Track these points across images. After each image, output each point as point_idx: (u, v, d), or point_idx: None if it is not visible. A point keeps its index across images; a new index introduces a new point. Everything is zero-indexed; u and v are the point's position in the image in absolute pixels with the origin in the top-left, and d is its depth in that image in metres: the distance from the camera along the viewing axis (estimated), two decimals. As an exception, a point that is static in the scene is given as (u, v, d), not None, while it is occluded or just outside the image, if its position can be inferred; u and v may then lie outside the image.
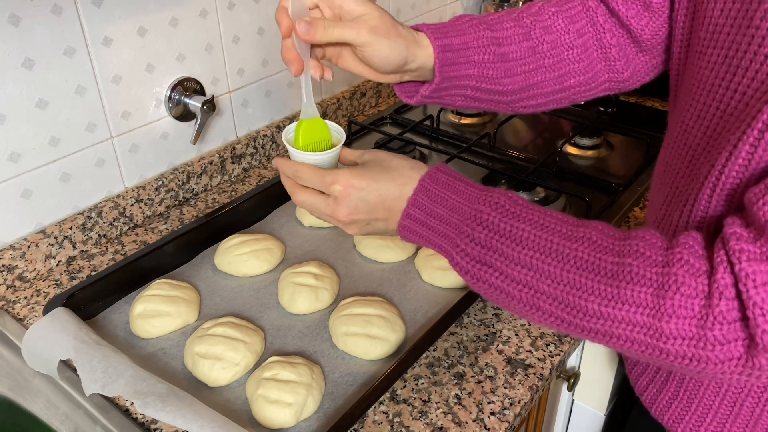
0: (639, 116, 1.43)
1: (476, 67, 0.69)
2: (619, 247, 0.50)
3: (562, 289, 0.51)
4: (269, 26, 1.19)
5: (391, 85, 1.52)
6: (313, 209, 0.64)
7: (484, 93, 0.72)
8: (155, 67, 1.03)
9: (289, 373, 0.74)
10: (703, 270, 0.46)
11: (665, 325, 0.47)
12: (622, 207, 1.10)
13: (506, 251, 0.54)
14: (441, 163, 0.62)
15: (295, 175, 0.64)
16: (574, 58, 0.73)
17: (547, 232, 0.53)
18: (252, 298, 0.92)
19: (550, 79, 0.74)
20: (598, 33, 0.73)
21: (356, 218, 0.62)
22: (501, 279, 0.54)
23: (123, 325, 0.87)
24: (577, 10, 0.73)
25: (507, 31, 0.71)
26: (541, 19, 0.73)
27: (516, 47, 0.72)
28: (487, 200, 0.56)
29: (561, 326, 0.53)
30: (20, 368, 0.80)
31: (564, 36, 0.73)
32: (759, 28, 0.50)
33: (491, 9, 1.68)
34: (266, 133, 1.24)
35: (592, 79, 0.75)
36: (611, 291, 0.49)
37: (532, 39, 0.72)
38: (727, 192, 0.52)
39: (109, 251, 1.01)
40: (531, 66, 0.72)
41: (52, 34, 0.88)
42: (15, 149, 0.89)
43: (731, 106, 0.53)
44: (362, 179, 0.61)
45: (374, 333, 0.81)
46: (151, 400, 0.68)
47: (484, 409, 0.75)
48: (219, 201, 1.13)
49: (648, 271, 0.48)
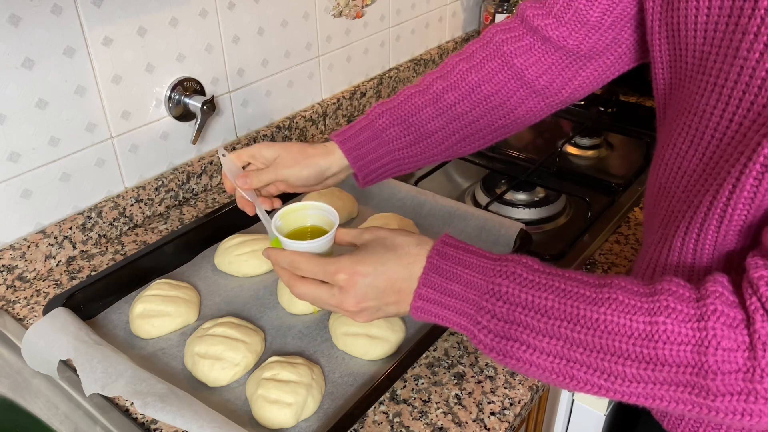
0: (639, 116, 1.43)
1: (393, 153, 0.79)
2: (648, 305, 0.48)
3: (596, 357, 0.49)
4: (269, 26, 1.19)
5: (391, 85, 1.53)
6: (316, 301, 0.61)
7: (414, 163, 0.81)
8: (155, 67, 1.03)
9: (289, 373, 0.74)
10: (739, 319, 0.45)
11: (711, 383, 0.45)
12: (622, 207, 1.10)
13: (531, 323, 0.52)
14: (446, 234, 0.60)
15: (293, 266, 0.61)
16: (496, 105, 0.77)
17: (571, 298, 0.51)
18: (252, 298, 0.92)
19: (476, 131, 0.79)
20: (517, 73, 0.76)
21: (366, 306, 0.59)
22: (529, 353, 0.52)
23: (123, 325, 0.87)
24: (487, 59, 0.77)
25: (417, 107, 0.78)
26: (453, 80, 0.77)
27: (431, 124, 0.78)
28: (503, 271, 0.54)
29: (599, 393, 0.51)
30: (20, 368, 0.80)
31: (477, 90, 0.77)
32: (747, 59, 0.50)
33: (491, 9, 1.68)
34: (266, 133, 1.24)
35: (526, 112, 0.78)
36: (648, 353, 0.47)
37: (444, 105, 0.77)
38: (735, 224, 0.51)
39: (109, 251, 1.01)
40: (450, 129, 0.78)
41: (51, 34, 0.88)
42: (15, 149, 0.89)
43: (728, 135, 0.53)
44: (367, 264, 0.58)
45: (374, 333, 0.81)
46: (151, 400, 0.68)
47: (484, 409, 0.75)
48: (219, 201, 1.13)
49: (684, 328, 0.46)
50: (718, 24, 0.53)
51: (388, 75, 1.52)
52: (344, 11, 1.34)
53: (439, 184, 1.22)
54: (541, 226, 1.09)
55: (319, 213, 0.70)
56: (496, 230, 0.98)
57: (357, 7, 1.37)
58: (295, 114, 1.31)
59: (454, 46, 1.71)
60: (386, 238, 0.61)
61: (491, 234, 0.98)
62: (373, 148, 0.78)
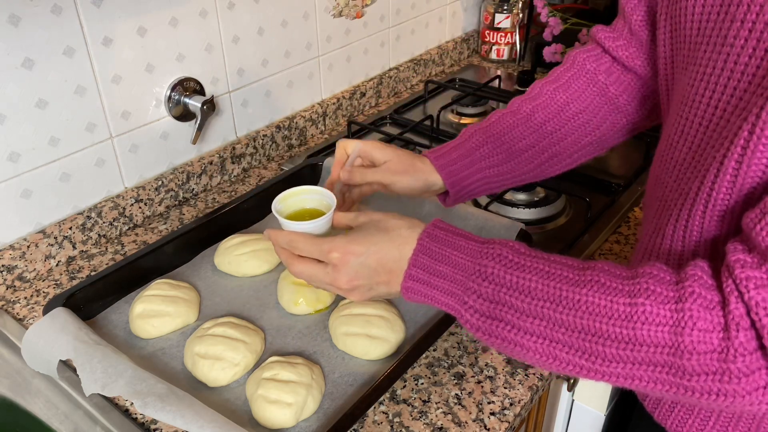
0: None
1: (483, 170, 0.80)
2: (629, 287, 0.49)
3: (577, 336, 0.50)
4: (269, 26, 1.19)
5: (390, 85, 1.53)
6: (311, 279, 0.64)
7: (503, 182, 0.82)
8: (155, 67, 1.03)
9: (288, 373, 0.74)
10: (716, 302, 0.46)
11: (687, 363, 0.46)
12: (622, 207, 1.10)
13: (516, 303, 0.53)
14: (437, 218, 0.62)
15: (291, 246, 0.64)
16: (582, 122, 0.79)
17: (554, 280, 0.52)
18: (252, 298, 0.92)
19: (564, 149, 0.80)
20: (601, 89, 0.78)
21: (357, 284, 0.61)
22: (514, 332, 0.54)
23: (123, 325, 0.87)
24: (574, 78, 0.79)
25: (508, 127, 0.80)
26: (541, 101, 0.80)
27: (521, 142, 0.79)
28: (489, 253, 0.56)
29: (580, 373, 0.52)
30: (20, 368, 0.80)
31: (566, 108, 0.79)
32: (733, 45, 0.51)
33: (491, 9, 1.68)
34: (266, 133, 1.24)
35: (609, 129, 0.80)
36: (627, 333, 0.48)
37: (534, 124, 0.79)
38: (718, 209, 0.52)
39: (108, 251, 1.01)
40: (540, 147, 0.80)
41: (51, 34, 0.88)
42: (15, 149, 0.89)
43: (713, 123, 0.54)
44: (360, 244, 0.60)
45: (374, 333, 0.81)
46: (150, 400, 0.68)
47: (484, 409, 0.75)
48: (219, 201, 1.13)
49: (662, 309, 0.47)
50: (711, 14, 0.54)
51: (388, 75, 1.52)
52: (344, 11, 1.34)
53: (439, 184, 1.22)
54: (541, 226, 1.09)
55: (317, 197, 0.73)
56: (495, 230, 0.98)
57: (357, 7, 1.37)
58: (295, 114, 1.31)
59: (454, 46, 1.71)
60: (380, 221, 0.63)
61: (491, 234, 0.98)
62: (465, 166, 0.80)
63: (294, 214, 0.72)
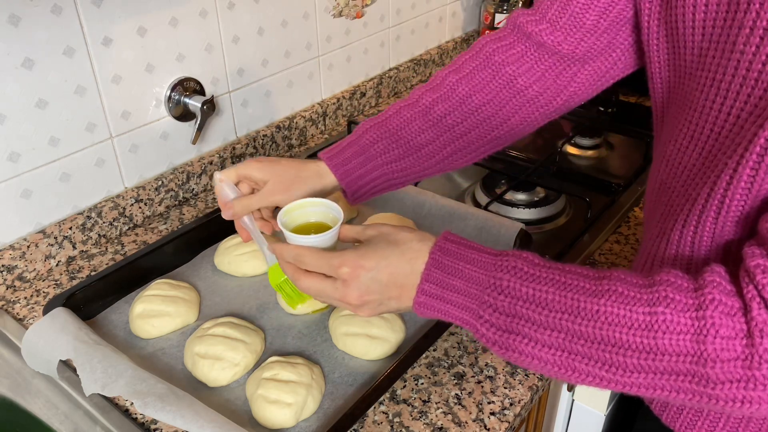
0: (639, 116, 1.43)
1: (381, 167, 0.77)
2: (647, 296, 0.48)
3: (597, 348, 0.49)
4: (269, 26, 1.19)
5: (390, 85, 1.53)
6: (319, 294, 0.62)
7: (405, 177, 0.79)
8: (155, 67, 1.03)
9: (288, 373, 0.74)
10: (737, 308, 0.45)
11: (710, 371, 0.46)
12: (622, 207, 1.10)
13: (532, 316, 0.52)
14: (447, 231, 0.61)
15: (297, 260, 0.62)
16: (487, 116, 0.76)
17: (571, 291, 0.51)
18: (252, 298, 0.92)
19: (469, 143, 0.77)
20: (508, 81, 0.75)
21: (368, 299, 0.60)
22: (531, 345, 0.53)
23: (123, 325, 0.87)
24: (478, 69, 0.76)
25: (406, 121, 0.77)
26: (442, 92, 0.76)
27: (420, 137, 0.76)
28: (503, 266, 0.55)
29: (601, 384, 0.51)
30: (20, 368, 0.80)
31: (467, 101, 0.75)
32: (744, 52, 0.50)
33: (491, 9, 1.68)
34: (266, 133, 1.24)
35: (519, 122, 0.77)
36: (648, 343, 0.47)
37: (434, 117, 0.76)
38: (733, 215, 0.52)
39: (108, 251, 1.01)
40: (441, 142, 0.77)
41: (51, 34, 0.88)
42: (15, 149, 0.89)
43: (726, 129, 0.53)
44: (370, 258, 0.59)
45: (374, 333, 0.81)
46: (150, 400, 0.68)
47: (484, 409, 0.75)
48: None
49: (682, 317, 0.46)
50: (716, 20, 0.53)
51: (388, 75, 1.52)
52: (344, 11, 1.34)
53: (439, 184, 1.22)
54: (541, 226, 1.09)
55: (323, 209, 0.71)
56: (496, 230, 0.98)
57: (357, 7, 1.37)
58: (295, 114, 1.31)
59: (454, 46, 1.71)
60: (389, 234, 0.61)
61: (491, 234, 0.98)
62: (360, 164, 0.77)
63: (299, 228, 0.70)
